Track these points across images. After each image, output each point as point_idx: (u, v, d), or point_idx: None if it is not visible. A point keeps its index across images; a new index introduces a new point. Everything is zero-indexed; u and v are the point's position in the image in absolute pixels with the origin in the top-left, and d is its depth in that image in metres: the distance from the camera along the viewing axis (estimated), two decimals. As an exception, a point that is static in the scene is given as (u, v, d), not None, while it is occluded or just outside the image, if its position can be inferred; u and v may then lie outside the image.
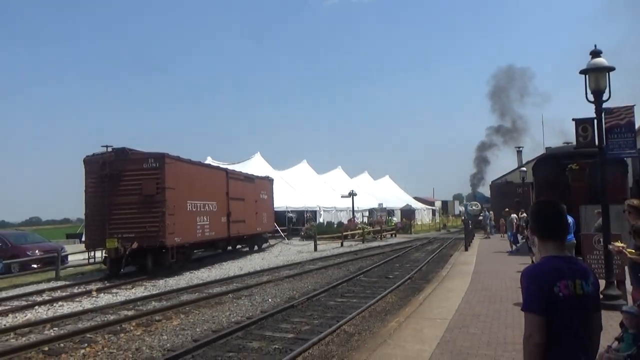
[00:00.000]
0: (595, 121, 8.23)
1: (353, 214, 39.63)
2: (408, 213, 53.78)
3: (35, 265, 17.92)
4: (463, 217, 45.58)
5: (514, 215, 20.66)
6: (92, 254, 16.66)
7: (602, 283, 7.88)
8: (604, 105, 8.01)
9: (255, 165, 37.86)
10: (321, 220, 38.35)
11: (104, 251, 16.02)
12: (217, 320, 9.39)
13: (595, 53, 7.93)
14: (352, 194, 38.42)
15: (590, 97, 7.99)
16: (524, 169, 29.27)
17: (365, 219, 43.48)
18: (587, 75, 7.96)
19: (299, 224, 37.43)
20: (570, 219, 12.52)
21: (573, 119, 8.86)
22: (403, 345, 6.22)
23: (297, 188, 39.96)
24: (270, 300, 11.41)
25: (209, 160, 35.29)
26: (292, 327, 8.54)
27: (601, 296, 7.67)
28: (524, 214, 19.17)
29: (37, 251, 18.65)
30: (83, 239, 19.58)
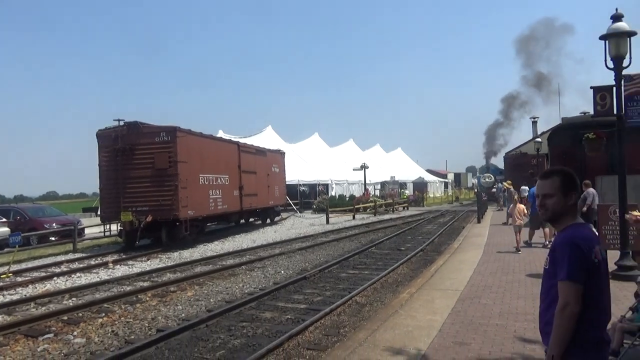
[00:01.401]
0: (615, 89, 7.98)
1: (365, 187, 39.58)
2: (420, 186, 53.52)
3: (53, 238, 18.30)
4: (476, 190, 45.23)
5: (524, 188, 20.23)
6: (108, 227, 16.95)
7: (616, 254, 7.81)
8: (624, 72, 7.75)
9: (267, 139, 37.76)
10: (333, 193, 38.38)
11: (119, 224, 16.27)
12: (230, 291, 9.53)
13: (617, 17, 7.63)
14: (364, 167, 38.28)
15: (610, 63, 7.73)
16: (539, 139, 28.77)
17: (378, 192, 43.42)
18: (607, 41, 7.68)
19: (311, 197, 37.52)
20: None
21: (591, 87, 8.59)
22: (414, 315, 6.26)
23: (308, 161, 39.90)
24: (282, 272, 11.53)
25: (220, 134, 35.31)
26: (305, 298, 8.64)
27: (616, 266, 7.62)
28: None
29: (54, 224, 19.02)
30: (99, 212, 19.88)
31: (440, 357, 4.70)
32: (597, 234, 2.36)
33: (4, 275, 11.72)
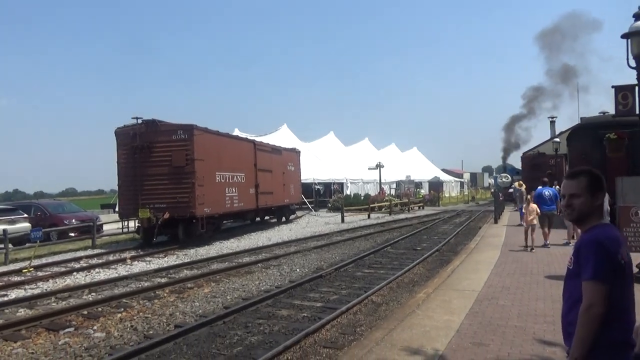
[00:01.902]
0: (637, 88, 7.84)
1: (380, 186, 39.47)
2: (436, 185, 53.15)
3: (72, 234, 18.61)
4: (492, 190, 44.71)
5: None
6: (126, 223, 17.18)
7: (638, 256, 7.66)
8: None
9: (282, 137, 37.84)
10: (348, 192, 38.35)
11: (137, 221, 16.49)
12: (246, 288, 9.60)
13: (639, 15, 7.49)
14: (379, 166, 38.17)
15: (632, 62, 7.60)
16: (557, 139, 28.38)
17: (393, 191, 43.28)
18: (629, 39, 7.55)
19: (326, 195, 37.55)
20: (551, 190, 12.41)
21: (612, 86, 8.46)
22: (431, 315, 6.23)
23: (324, 160, 39.90)
24: (298, 270, 11.57)
25: (236, 132, 35.46)
26: (321, 297, 8.65)
27: (637, 269, 7.48)
28: (558, 187, 18.62)
29: (74, 220, 19.36)
30: (117, 209, 20.18)
31: (458, 358, 4.67)
32: (620, 234, 2.33)
33: (26, 270, 11.98)
